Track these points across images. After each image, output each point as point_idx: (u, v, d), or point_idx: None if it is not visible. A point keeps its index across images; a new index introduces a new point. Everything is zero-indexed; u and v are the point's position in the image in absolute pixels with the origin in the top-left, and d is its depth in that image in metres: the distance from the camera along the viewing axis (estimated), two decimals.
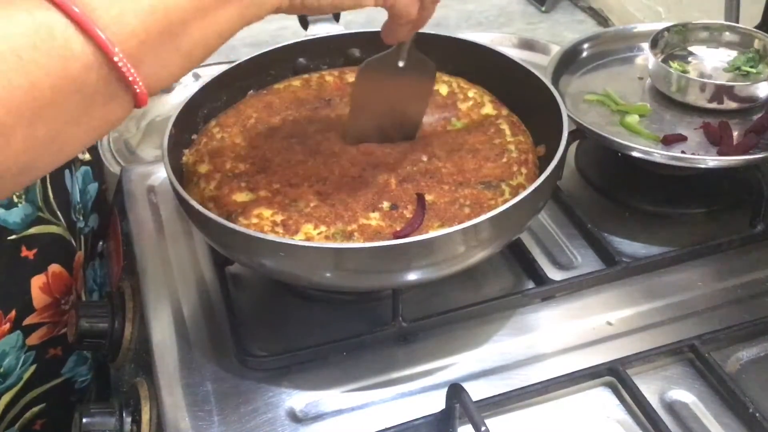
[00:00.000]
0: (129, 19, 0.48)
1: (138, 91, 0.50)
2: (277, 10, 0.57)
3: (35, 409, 0.87)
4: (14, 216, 0.79)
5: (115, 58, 0.47)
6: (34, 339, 0.84)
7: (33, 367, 0.85)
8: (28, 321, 0.82)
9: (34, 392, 0.86)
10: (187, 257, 0.84)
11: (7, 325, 0.80)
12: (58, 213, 0.86)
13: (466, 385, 0.64)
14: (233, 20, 0.54)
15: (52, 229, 0.85)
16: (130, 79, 0.49)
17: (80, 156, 0.95)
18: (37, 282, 0.83)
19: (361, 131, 0.78)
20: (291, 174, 0.75)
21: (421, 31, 0.91)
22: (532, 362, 0.72)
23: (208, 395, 0.69)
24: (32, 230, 0.82)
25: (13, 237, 0.80)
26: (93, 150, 1.02)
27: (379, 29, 0.94)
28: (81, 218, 0.93)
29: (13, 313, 0.81)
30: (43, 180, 0.84)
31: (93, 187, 0.98)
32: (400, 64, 0.74)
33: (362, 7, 0.61)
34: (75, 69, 0.46)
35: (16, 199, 0.80)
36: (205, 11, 0.52)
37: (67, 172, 0.90)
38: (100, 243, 1.01)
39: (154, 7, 0.49)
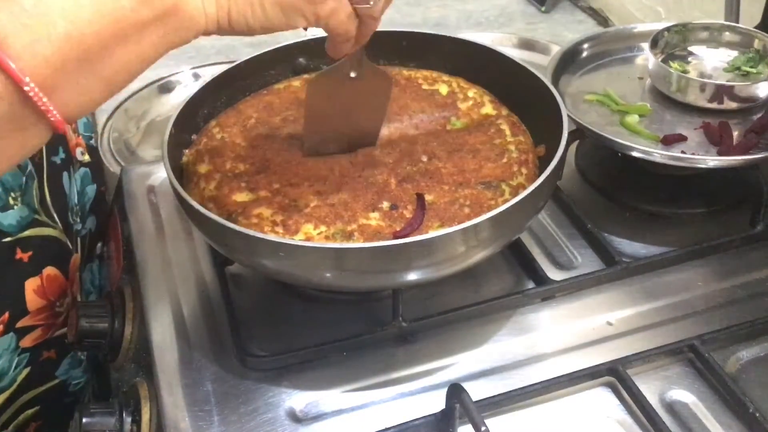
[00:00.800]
0: (42, 47, 0.47)
1: (52, 119, 0.48)
2: (205, 33, 0.56)
3: (29, 411, 0.87)
4: (9, 219, 0.79)
5: (26, 88, 0.46)
6: (27, 341, 0.83)
7: (27, 370, 0.85)
8: (21, 323, 0.82)
9: (28, 395, 0.86)
10: (187, 257, 0.84)
11: (0, 328, 0.80)
12: (55, 215, 0.86)
13: (466, 385, 0.64)
14: (157, 45, 0.53)
15: (48, 231, 0.84)
16: (43, 108, 0.47)
17: (79, 157, 0.95)
18: (31, 285, 0.82)
19: (318, 142, 0.77)
20: (291, 174, 0.75)
21: (421, 30, 0.92)
22: (532, 362, 0.72)
23: (208, 395, 0.69)
24: (27, 233, 0.81)
25: (8, 239, 0.80)
26: (93, 151, 1.01)
27: (379, 29, 0.94)
28: (78, 220, 0.93)
29: (7, 315, 0.80)
30: (40, 182, 0.84)
31: (91, 189, 0.98)
32: (352, 74, 0.72)
33: (294, 28, 0.60)
34: None
35: (11, 202, 0.79)
36: (126, 37, 0.51)
37: (65, 174, 0.90)
38: (99, 245, 1.00)
39: (69, 34, 0.47)
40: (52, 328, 0.86)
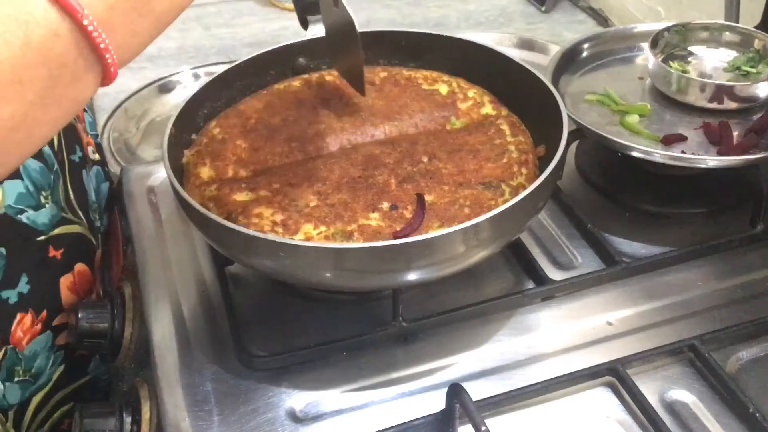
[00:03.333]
0: None
1: (109, 61, 0.44)
2: None
3: (63, 408, 0.87)
4: (42, 217, 0.79)
5: (85, 22, 0.42)
6: (62, 339, 0.84)
7: (62, 367, 0.85)
8: (57, 321, 0.82)
9: (63, 392, 0.86)
10: (187, 257, 0.84)
11: (39, 326, 0.80)
12: (79, 212, 0.86)
13: (466, 385, 0.64)
14: None
15: (75, 228, 0.85)
16: (102, 46, 0.43)
17: (91, 156, 0.96)
18: (65, 282, 0.83)
19: None
20: (291, 174, 0.75)
21: (421, 30, 0.92)
22: (532, 362, 0.72)
23: (208, 395, 0.69)
24: (58, 230, 0.81)
25: (42, 238, 0.80)
26: (100, 149, 1.02)
27: (379, 29, 0.94)
28: (97, 217, 0.94)
29: (44, 313, 0.81)
30: (65, 180, 0.84)
31: (105, 186, 0.98)
32: None
33: None
34: (38, 37, 0.41)
35: (42, 201, 0.80)
36: None
37: (83, 172, 0.90)
38: None
39: None
40: None
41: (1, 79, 0.41)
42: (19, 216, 0.77)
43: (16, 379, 0.80)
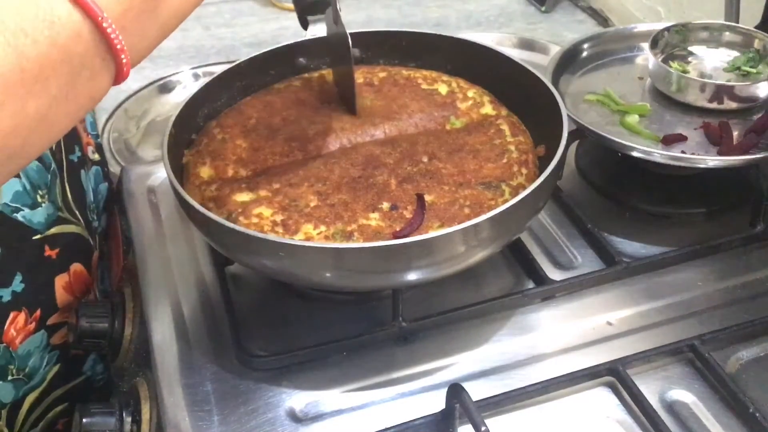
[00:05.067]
0: None
1: (124, 61, 0.48)
2: None
3: (58, 408, 0.87)
4: (38, 216, 0.79)
5: (104, 24, 0.46)
6: (57, 338, 0.84)
7: (56, 367, 0.85)
8: (51, 321, 0.82)
9: (58, 392, 0.87)
10: (187, 257, 0.84)
11: (33, 325, 0.80)
12: (77, 212, 0.86)
13: (466, 385, 0.64)
14: None
15: (72, 228, 0.85)
16: (118, 47, 0.47)
17: (91, 156, 0.96)
18: (60, 281, 0.83)
19: None
20: (291, 174, 0.75)
21: (421, 30, 0.92)
22: (532, 362, 0.72)
23: (208, 395, 0.69)
24: (54, 230, 0.82)
25: (37, 237, 0.80)
26: (100, 149, 1.02)
27: (379, 29, 0.94)
28: (95, 218, 0.94)
29: (38, 312, 0.81)
30: (62, 180, 0.84)
31: (104, 187, 0.99)
32: None
33: None
34: (63, 37, 0.45)
35: (39, 199, 0.80)
36: None
37: (82, 172, 0.90)
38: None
39: None
40: None
41: (30, 75, 0.44)
42: (14, 214, 0.77)
43: (9, 377, 0.80)
